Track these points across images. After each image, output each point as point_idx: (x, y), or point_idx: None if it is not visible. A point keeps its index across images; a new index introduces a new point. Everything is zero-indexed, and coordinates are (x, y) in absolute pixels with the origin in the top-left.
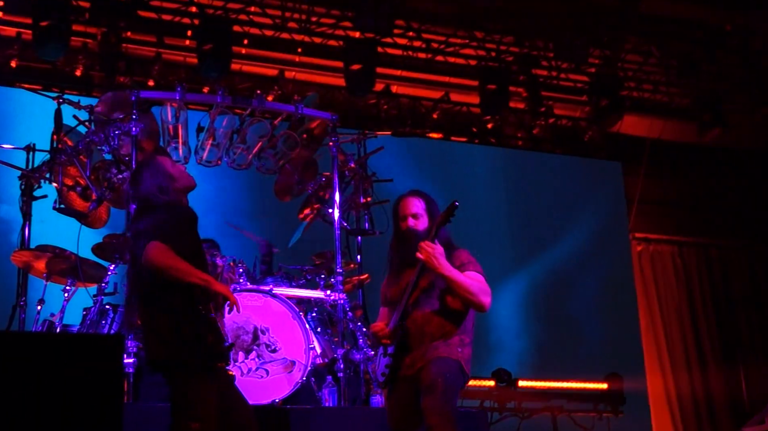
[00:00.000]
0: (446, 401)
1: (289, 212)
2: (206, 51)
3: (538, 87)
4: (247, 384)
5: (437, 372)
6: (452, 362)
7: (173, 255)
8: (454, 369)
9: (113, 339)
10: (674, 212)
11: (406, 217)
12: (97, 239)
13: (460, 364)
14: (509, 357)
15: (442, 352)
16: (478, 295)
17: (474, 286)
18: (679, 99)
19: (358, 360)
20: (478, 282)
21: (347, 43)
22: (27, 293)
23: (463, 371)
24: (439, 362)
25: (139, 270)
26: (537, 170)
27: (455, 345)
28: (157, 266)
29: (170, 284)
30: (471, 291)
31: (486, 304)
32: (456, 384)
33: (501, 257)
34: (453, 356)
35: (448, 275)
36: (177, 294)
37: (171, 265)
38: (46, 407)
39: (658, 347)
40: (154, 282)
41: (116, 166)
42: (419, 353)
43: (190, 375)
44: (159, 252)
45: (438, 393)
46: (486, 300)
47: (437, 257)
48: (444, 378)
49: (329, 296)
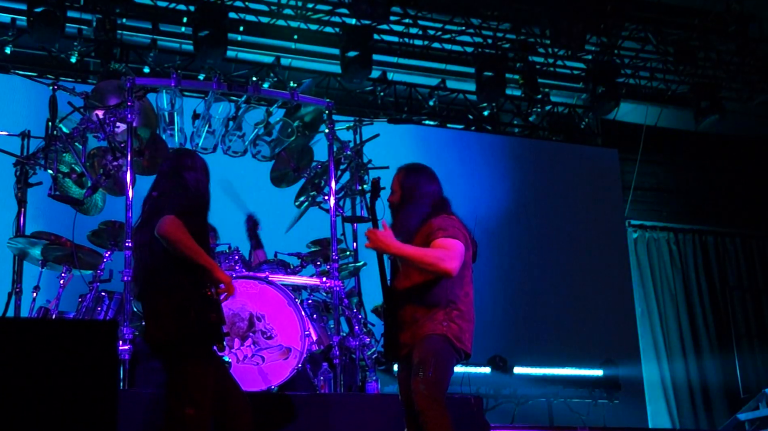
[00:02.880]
0: (435, 383)
1: (284, 199)
2: (202, 38)
3: (534, 74)
4: (243, 371)
5: (425, 353)
6: (438, 337)
7: (186, 232)
8: (442, 344)
9: (108, 325)
10: (670, 199)
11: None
12: (93, 226)
13: (447, 338)
14: (505, 343)
15: (428, 328)
16: (437, 263)
17: (430, 255)
18: (676, 86)
19: (354, 347)
20: (437, 250)
21: (343, 30)
22: (22, 280)
23: (454, 345)
24: (426, 341)
25: (151, 242)
26: (533, 158)
27: (440, 320)
28: (169, 238)
29: (177, 262)
30: (427, 262)
31: (449, 269)
32: (446, 361)
33: (497, 244)
34: (438, 331)
35: (399, 253)
36: (183, 274)
37: (183, 240)
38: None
39: (653, 334)
40: (162, 258)
41: (111, 153)
42: (409, 333)
43: (188, 356)
44: (174, 226)
45: (426, 375)
46: (449, 266)
47: (382, 241)
48: (431, 358)
49: (325, 283)
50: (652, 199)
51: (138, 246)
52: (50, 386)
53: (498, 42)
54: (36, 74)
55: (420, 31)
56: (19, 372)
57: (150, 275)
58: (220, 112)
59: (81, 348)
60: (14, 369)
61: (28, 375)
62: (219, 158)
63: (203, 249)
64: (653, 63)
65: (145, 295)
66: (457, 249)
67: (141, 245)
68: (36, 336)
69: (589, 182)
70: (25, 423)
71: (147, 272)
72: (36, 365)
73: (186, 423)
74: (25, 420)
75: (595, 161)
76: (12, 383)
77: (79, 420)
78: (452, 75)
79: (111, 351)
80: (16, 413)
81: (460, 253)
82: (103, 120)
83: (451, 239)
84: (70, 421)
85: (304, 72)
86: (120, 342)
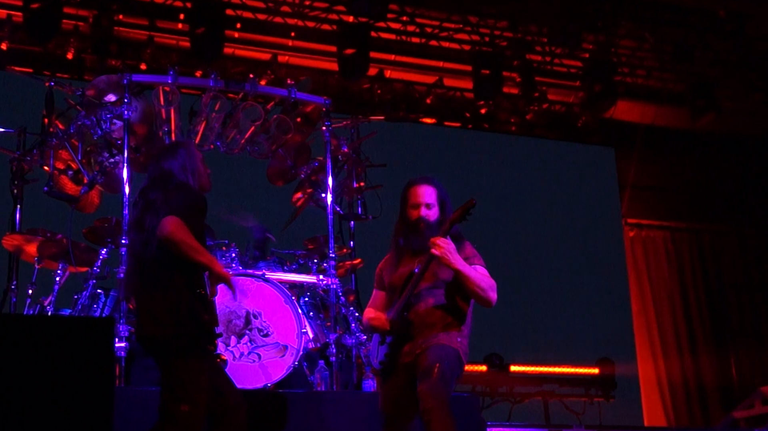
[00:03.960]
0: (443, 386)
1: (281, 196)
2: (199, 35)
3: (531, 72)
4: (239, 368)
5: (435, 358)
6: (451, 350)
7: (188, 231)
8: (453, 356)
9: (104, 323)
10: (667, 197)
11: (418, 205)
12: (89, 223)
13: (458, 353)
14: (501, 341)
15: (442, 340)
16: (487, 291)
17: (484, 281)
18: (673, 85)
19: (350, 345)
20: (486, 278)
21: (341, 28)
22: (18, 278)
23: (461, 360)
24: (438, 348)
25: (146, 241)
26: (530, 156)
27: (455, 335)
28: (172, 239)
29: (173, 262)
30: (481, 287)
31: (493, 300)
32: (453, 371)
33: (493, 242)
34: (453, 344)
35: (461, 270)
36: (177, 273)
37: (185, 240)
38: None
39: (649, 332)
40: (156, 258)
41: (108, 150)
42: (419, 341)
43: (182, 354)
44: (177, 227)
45: (435, 378)
46: (493, 296)
47: (452, 253)
48: (442, 364)
49: (322, 281)
50: (648, 197)
51: (132, 244)
52: (46, 383)
53: (495, 40)
54: (32, 71)
55: (417, 28)
56: (15, 368)
57: (144, 274)
58: (217, 109)
59: (77, 345)
60: (10, 366)
61: (25, 372)
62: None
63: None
64: (650, 61)
65: (140, 293)
66: (493, 281)
67: (135, 244)
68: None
69: (585, 181)
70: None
71: (141, 271)
72: (32, 362)
73: (180, 419)
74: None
75: (591, 160)
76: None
77: (76, 417)
78: (449, 73)
79: (107, 348)
80: (12, 409)
81: None
82: (99, 117)
83: (486, 269)
84: (66, 418)
85: (302, 69)
86: (116, 340)
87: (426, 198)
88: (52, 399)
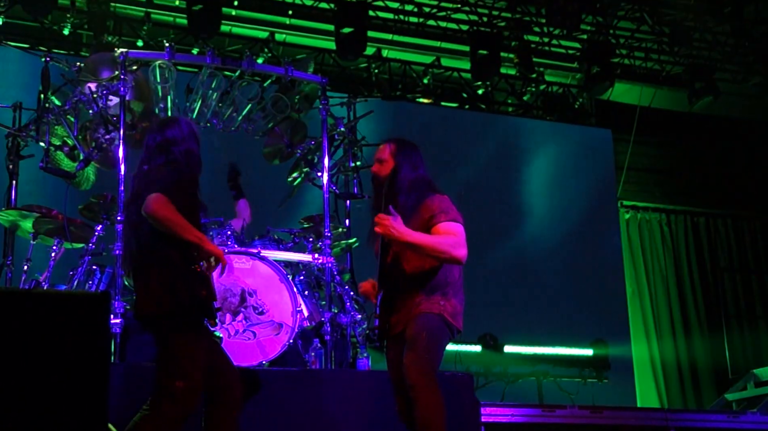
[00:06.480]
0: (428, 359)
1: (277, 175)
2: (196, 12)
3: (529, 53)
4: (234, 346)
5: (418, 329)
6: (434, 316)
7: (173, 209)
8: (437, 322)
9: (100, 297)
10: (663, 180)
11: (375, 161)
12: (85, 199)
13: (443, 317)
14: (496, 322)
15: (424, 307)
16: (449, 251)
17: (442, 243)
18: (671, 67)
19: (345, 324)
20: (447, 237)
21: (338, 6)
22: (13, 253)
23: (448, 323)
24: (421, 318)
25: (140, 218)
26: (527, 137)
27: (437, 299)
28: (156, 217)
29: (167, 238)
30: (440, 250)
31: (460, 256)
32: (439, 338)
33: (489, 222)
34: (434, 310)
35: (410, 241)
36: (173, 249)
37: (170, 217)
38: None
39: (643, 314)
40: (152, 234)
41: (104, 126)
42: (404, 311)
43: (178, 330)
44: (160, 204)
45: (419, 350)
46: (459, 253)
47: (395, 228)
48: (426, 334)
49: (317, 260)
50: (644, 180)
51: (128, 221)
52: (41, 358)
53: (493, 20)
54: (28, 46)
55: (415, 8)
56: (10, 343)
57: (140, 250)
58: (213, 86)
59: (73, 320)
60: (5, 341)
61: (19, 347)
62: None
63: (193, 224)
64: (648, 43)
65: (136, 270)
66: (462, 234)
67: (131, 220)
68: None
69: (582, 162)
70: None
71: (137, 247)
72: (27, 337)
73: (176, 395)
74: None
75: (588, 141)
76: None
77: (70, 393)
78: (447, 53)
79: (103, 323)
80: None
81: (464, 237)
82: (95, 93)
83: (454, 223)
84: (60, 393)
85: (299, 48)
86: (111, 316)
87: (379, 153)
88: (47, 374)
